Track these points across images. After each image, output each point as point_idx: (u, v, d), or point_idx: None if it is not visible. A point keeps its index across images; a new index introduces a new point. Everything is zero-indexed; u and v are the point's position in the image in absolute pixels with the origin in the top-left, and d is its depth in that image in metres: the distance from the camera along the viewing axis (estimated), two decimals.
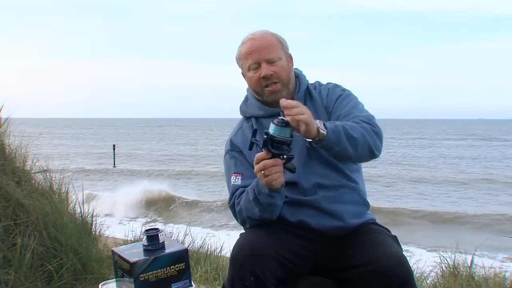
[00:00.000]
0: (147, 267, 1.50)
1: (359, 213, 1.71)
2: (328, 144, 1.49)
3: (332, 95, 1.75)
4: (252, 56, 1.69)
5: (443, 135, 65.08)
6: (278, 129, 1.42)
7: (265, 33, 1.73)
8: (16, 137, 3.23)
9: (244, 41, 1.74)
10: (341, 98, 1.73)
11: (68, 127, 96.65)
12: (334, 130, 1.49)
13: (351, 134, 1.52)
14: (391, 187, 19.34)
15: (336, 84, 1.81)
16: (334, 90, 1.77)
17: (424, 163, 28.67)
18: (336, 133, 1.49)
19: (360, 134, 1.54)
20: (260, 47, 1.68)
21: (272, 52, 1.69)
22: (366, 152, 1.58)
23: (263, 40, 1.70)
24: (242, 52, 1.73)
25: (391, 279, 1.40)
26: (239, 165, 1.73)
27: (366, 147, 1.57)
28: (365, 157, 1.61)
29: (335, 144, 1.50)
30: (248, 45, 1.71)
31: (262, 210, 1.58)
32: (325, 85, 1.82)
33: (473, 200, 16.89)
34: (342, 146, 1.51)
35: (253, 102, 1.80)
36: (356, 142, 1.53)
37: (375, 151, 1.59)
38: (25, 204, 2.75)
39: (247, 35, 1.74)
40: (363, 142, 1.55)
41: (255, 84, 1.72)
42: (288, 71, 1.72)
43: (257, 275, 1.46)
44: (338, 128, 1.51)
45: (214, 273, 3.32)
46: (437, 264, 3.17)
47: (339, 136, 1.49)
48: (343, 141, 1.50)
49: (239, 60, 1.77)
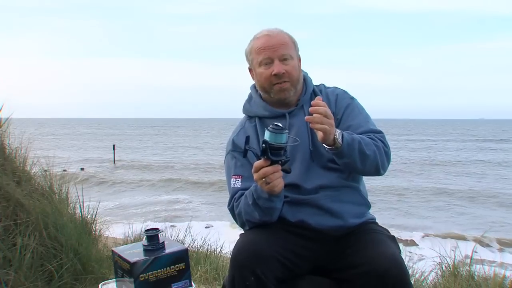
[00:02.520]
0: (147, 267, 1.49)
1: (360, 213, 1.71)
2: (340, 155, 1.55)
3: (341, 102, 1.75)
4: (266, 52, 1.68)
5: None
6: (274, 136, 1.42)
7: (281, 31, 1.74)
8: (16, 137, 3.23)
9: (258, 36, 1.73)
10: (351, 108, 1.74)
11: (68, 127, 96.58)
12: (350, 144, 1.54)
13: (365, 151, 1.56)
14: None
15: (344, 91, 1.81)
16: (343, 97, 1.77)
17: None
18: (351, 147, 1.54)
19: (372, 152, 1.59)
20: (276, 44, 1.68)
21: (286, 50, 1.69)
22: (373, 169, 1.62)
23: (279, 37, 1.71)
24: (255, 46, 1.72)
25: (387, 280, 1.40)
26: (239, 166, 1.73)
27: (374, 165, 1.61)
28: (370, 172, 1.65)
29: (346, 156, 1.55)
30: (263, 41, 1.70)
31: (261, 214, 1.59)
32: (332, 89, 1.82)
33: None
34: (352, 159, 1.56)
35: (257, 101, 1.79)
36: (367, 159, 1.58)
37: (381, 169, 1.64)
38: (25, 204, 2.75)
39: (262, 30, 1.74)
40: (373, 160, 1.59)
41: (264, 79, 1.71)
42: (298, 71, 1.73)
43: (258, 275, 1.45)
44: (354, 143, 1.55)
45: (214, 273, 3.31)
46: (437, 264, 3.17)
47: (352, 151, 1.54)
48: (355, 156, 1.55)
49: (249, 54, 1.75)
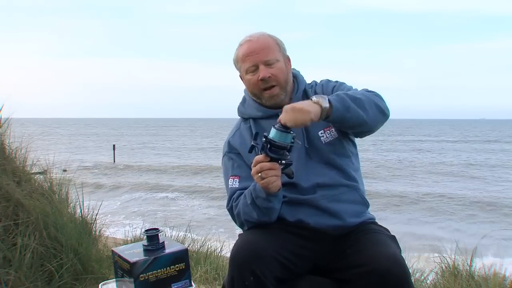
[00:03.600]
0: (147, 267, 1.50)
1: (359, 212, 1.71)
2: (338, 113, 1.51)
3: (326, 89, 1.77)
4: (250, 59, 1.68)
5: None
6: (278, 134, 1.42)
7: (262, 35, 1.73)
8: (16, 137, 3.23)
9: (241, 43, 1.73)
10: (335, 88, 1.75)
11: (68, 127, 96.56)
12: (337, 98, 1.52)
13: (355, 96, 1.55)
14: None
15: (328, 79, 1.83)
16: (327, 84, 1.79)
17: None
18: (340, 100, 1.52)
19: (360, 94, 1.57)
20: (258, 49, 1.68)
21: (270, 54, 1.68)
22: (376, 111, 1.59)
23: (260, 42, 1.70)
24: (240, 54, 1.72)
25: (387, 280, 1.40)
26: (236, 167, 1.73)
27: (374, 106, 1.58)
28: (379, 117, 1.61)
29: (344, 110, 1.51)
30: (245, 48, 1.70)
31: (260, 214, 1.59)
32: (320, 83, 1.83)
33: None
34: (352, 111, 1.52)
35: (251, 103, 1.80)
36: (362, 102, 1.55)
37: (383, 109, 1.61)
38: (25, 204, 2.75)
39: (244, 37, 1.74)
40: (368, 101, 1.57)
41: (253, 86, 1.71)
42: (285, 73, 1.72)
43: (257, 275, 1.45)
44: (340, 95, 1.54)
45: (214, 273, 3.31)
46: (437, 264, 3.17)
47: (344, 101, 1.52)
48: (351, 106, 1.52)
49: (236, 63, 1.76)
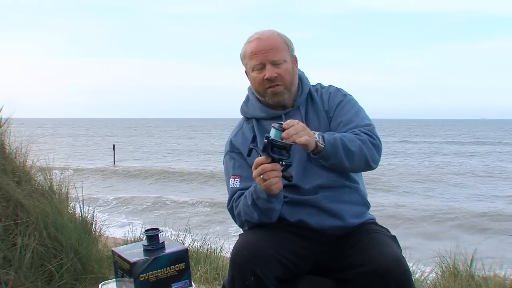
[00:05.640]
0: (147, 267, 1.50)
1: (359, 213, 1.71)
2: (325, 156, 1.53)
3: (333, 100, 1.74)
4: (258, 57, 1.67)
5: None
6: (279, 134, 1.42)
7: (272, 33, 1.71)
8: (16, 137, 3.23)
9: (250, 40, 1.71)
10: (342, 104, 1.72)
11: (68, 127, 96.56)
12: (333, 144, 1.52)
13: (349, 148, 1.54)
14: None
15: (337, 88, 1.80)
16: (335, 95, 1.76)
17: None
18: (334, 147, 1.52)
19: (357, 147, 1.56)
20: (266, 48, 1.67)
21: (278, 54, 1.67)
22: (362, 164, 1.60)
23: (270, 41, 1.68)
24: (248, 51, 1.71)
25: (388, 280, 1.40)
26: (237, 167, 1.73)
27: (363, 160, 1.59)
28: (361, 168, 1.64)
29: (331, 156, 1.53)
30: (254, 45, 1.69)
31: (260, 215, 1.59)
32: (326, 88, 1.81)
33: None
34: (338, 159, 1.54)
35: (254, 102, 1.79)
36: (353, 155, 1.55)
37: (371, 163, 1.61)
38: (25, 204, 2.75)
39: (254, 33, 1.72)
40: (360, 155, 1.57)
41: (258, 84, 1.71)
42: (292, 74, 1.71)
43: (257, 275, 1.45)
44: (337, 142, 1.53)
45: (214, 273, 3.31)
46: (437, 264, 3.17)
47: (336, 150, 1.53)
48: (340, 154, 1.53)
49: (243, 59, 1.75)
